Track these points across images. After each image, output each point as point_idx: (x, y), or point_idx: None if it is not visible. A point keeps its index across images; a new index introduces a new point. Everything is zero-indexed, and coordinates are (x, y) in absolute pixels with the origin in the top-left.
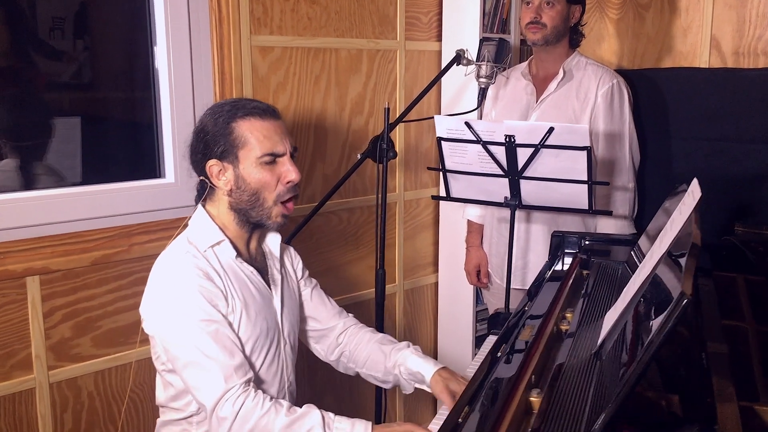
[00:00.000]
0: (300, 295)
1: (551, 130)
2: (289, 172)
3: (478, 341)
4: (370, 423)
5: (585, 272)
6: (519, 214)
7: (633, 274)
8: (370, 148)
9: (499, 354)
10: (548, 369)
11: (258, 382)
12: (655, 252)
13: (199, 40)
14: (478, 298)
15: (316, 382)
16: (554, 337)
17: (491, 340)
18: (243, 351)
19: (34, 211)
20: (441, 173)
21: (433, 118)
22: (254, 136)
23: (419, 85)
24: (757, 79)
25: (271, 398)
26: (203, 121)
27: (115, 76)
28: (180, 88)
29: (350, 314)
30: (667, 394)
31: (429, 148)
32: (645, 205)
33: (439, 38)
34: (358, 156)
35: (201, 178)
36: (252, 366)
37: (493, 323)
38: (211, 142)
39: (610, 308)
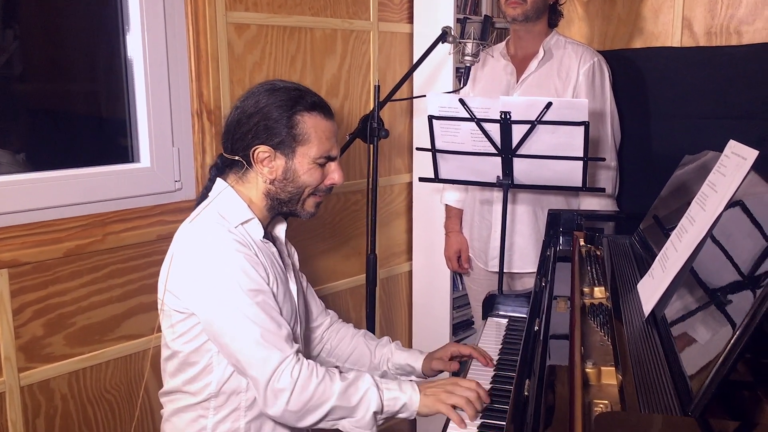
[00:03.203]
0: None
1: (549, 105)
2: (335, 174)
3: (455, 329)
4: (414, 383)
5: (590, 247)
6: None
7: (654, 245)
8: (360, 128)
9: (536, 328)
10: (595, 342)
11: None
12: (698, 217)
13: (173, 15)
14: (454, 285)
15: None
16: (585, 310)
17: (493, 321)
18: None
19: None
20: (431, 153)
21: (424, 96)
22: (317, 135)
23: (392, 68)
24: (734, 56)
25: (321, 365)
26: (259, 102)
27: (85, 53)
28: (155, 66)
29: (331, 310)
30: None
31: (402, 132)
32: (624, 185)
33: (411, 20)
34: (347, 136)
35: (238, 157)
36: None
37: (488, 306)
38: (269, 128)
39: (637, 279)
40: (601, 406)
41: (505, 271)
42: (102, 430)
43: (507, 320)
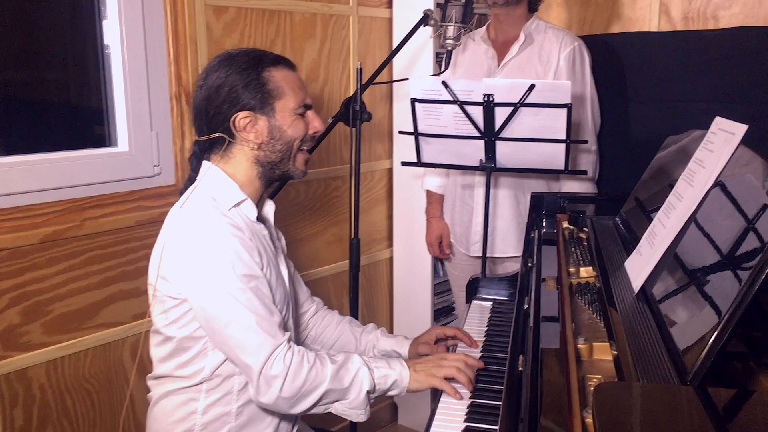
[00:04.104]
0: None
1: (532, 87)
2: (315, 122)
3: (437, 315)
4: (402, 360)
5: (573, 229)
6: (485, 180)
7: (636, 227)
8: (343, 111)
9: (526, 306)
10: (584, 319)
11: None
12: (686, 193)
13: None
14: (435, 271)
15: None
16: (573, 290)
17: (477, 305)
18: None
19: None
20: (414, 137)
21: (407, 79)
22: (290, 86)
23: (371, 53)
24: (713, 40)
25: (311, 350)
26: (223, 73)
27: (60, 37)
28: (132, 48)
29: (317, 297)
30: None
31: (383, 117)
32: (603, 169)
33: (390, 5)
34: (329, 119)
35: (218, 133)
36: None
37: (471, 290)
38: (240, 93)
39: (623, 258)
40: (595, 380)
41: (487, 255)
42: (81, 420)
43: (491, 303)
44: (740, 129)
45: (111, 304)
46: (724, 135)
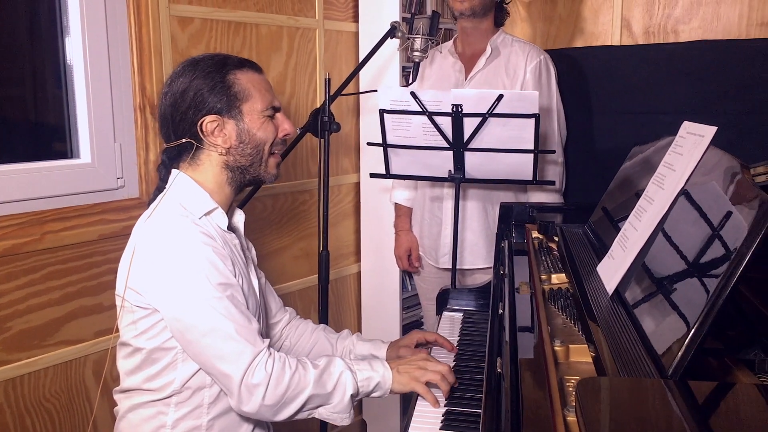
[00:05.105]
0: None
1: (500, 97)
2: (286, 124)
3: (405, 330)
4: (384, 360)
5: (543, 239)
6: (454, 192)
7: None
8: (311, 121)
9: (501, 311)
10: (558, 324)
11: None
12: (656, 196)
13: (114, 6)
14: (403, 285)
15: None
16: (546, 296)
17: (448, 315)
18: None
19: None
20: (383, 148)
21: (375, 91)
22: (256, 89)
23: (338, 67)
24: (672, 53)
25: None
26: (187, 78)
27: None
28: (94, 57)
29: (289, 307)
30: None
31: (350, 131)
32: (569, 180)
33: (356, 19)
34: (297, 131)
35: (185, 140)
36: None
37: (441, 301)
38: (206, 97)
39: (595, 264)
40: (573, 381)
41: (456, 267)
42: None
43: (462, 314)
44: (709, 131)
45: (72, 321)
46: (693, 138)
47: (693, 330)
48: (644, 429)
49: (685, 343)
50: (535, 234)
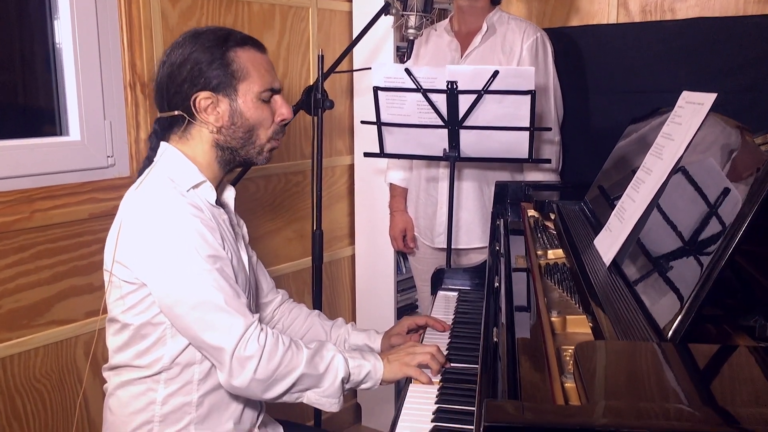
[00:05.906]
0: None
1: (496, 73)
2: (283, 109)
3: (400, 313)
4: (375, 352)
5: (539, 216)
6: (449, 171)
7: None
8: (304, 99)
9: (497, 284)
10: (554, 297)
11: None
12: (655, 167)
13: None
14: (398, 268)
15: None
16: (542, 270)
17: (443, 295)
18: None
19: None
20: (377, 127)
21: (369, 68)
22: (255, 69)
23: (331, 46)
24: (672, 30)
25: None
26: (187, 49)
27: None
28: (84, 33)
29: (282, 289)
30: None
31: (343, 112)
32: (566, 160)
33: None
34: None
35: (177, 112)
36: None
37: (436, 281)
38: (203, 72)
39: (592, 239)
40: (570, 351)
41: (451, 247)
42: (32, 422)
43: (457, 293)
44: (709, 98)
45: (63, 301)
46: (692, 107)
47: (693, 293)
48: (643, 388)
49: (685, 306)
50: (531, 212)
